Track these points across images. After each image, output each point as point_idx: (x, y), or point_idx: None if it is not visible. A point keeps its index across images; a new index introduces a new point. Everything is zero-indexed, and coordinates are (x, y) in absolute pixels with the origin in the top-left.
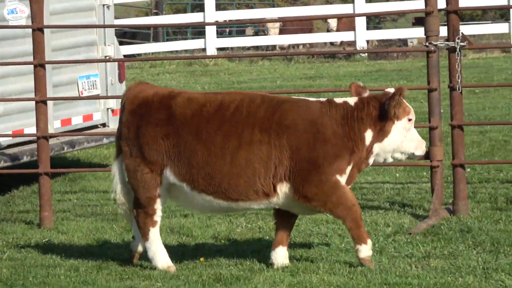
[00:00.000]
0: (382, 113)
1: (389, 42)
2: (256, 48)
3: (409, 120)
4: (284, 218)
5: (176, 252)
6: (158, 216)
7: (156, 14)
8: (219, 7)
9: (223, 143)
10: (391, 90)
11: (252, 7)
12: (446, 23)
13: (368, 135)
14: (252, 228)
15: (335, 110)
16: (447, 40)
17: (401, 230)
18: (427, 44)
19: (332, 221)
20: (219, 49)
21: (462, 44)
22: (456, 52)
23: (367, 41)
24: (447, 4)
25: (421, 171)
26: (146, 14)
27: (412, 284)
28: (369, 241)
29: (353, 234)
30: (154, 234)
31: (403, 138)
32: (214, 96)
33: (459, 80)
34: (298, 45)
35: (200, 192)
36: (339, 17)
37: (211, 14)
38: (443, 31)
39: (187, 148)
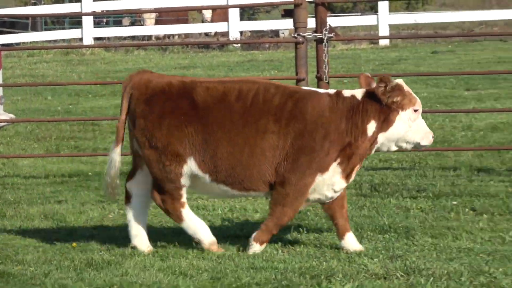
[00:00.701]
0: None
1: (261, 33)
2: (132, 38)
3: (415, 110)
4: (336, 206)
5: (49, 238)
6: (185, 197)
7: (35, 4)
8: None
9: (244, 132)
10: (399, 81)
11: None
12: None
13: (371, 126)
14: (124, 214)
15: (343, 103)
16: (315, 31)
17: None
18: (295, 35)
19: (202, 207)
20: (96, 38)
21: (329, 35)
22: (324, 43)
23: (241, 32)
24: None
25: None
26: (25, 4)
27: (278, 268)
28: (264, 246)
29: (261, 233)
30: (187, 213)
31: (408, 128)
32: (232, 85)
33: (326, 71)
34: (173, 35)
35: (219, 183)
36: (213, 8)
37: (88, 4)
38: (313, 23)
39: (212, 138)
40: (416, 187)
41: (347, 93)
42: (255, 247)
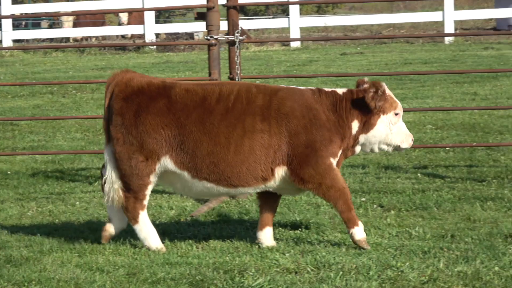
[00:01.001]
0: (366, 106)
1: (177, 35)
2: (51, 40)
3: (396, 114)
4: (269, 200)
5: None
6: (147, 201)
7: None
8: (16, 0)
9: (227, 132)
10: (383, 83)
11: (48, 1)
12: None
13: (355, 125)
14: (42, 212)
15: (325, 97)
16: (227, 34)
17: (184, 213)
18: (208, 37)
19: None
20: (15, 41)
21: (241, 38)
22: (236, 45)
23: (156, 34)
24: (227, 0)
25: None
26: None
27: (192, 263)
28: (361, 223)
29: (344, 217)
30: (144, 217)
31: (389, 132)
32: (211, 87)
33: (239, 72)
34: (90, 37)
35: (201, 180)
36: (130, 11)
37: (7, 7)
38: (226, 25)
39: (191, 138)
40: None
41: (327, 89)
42: (356, 231)
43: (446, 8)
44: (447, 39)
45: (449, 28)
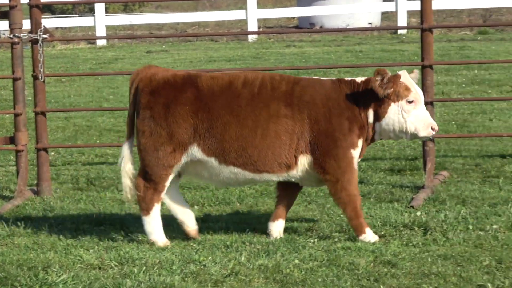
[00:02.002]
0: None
1: None
2: None
3: (409, 102)
4: (288, 194)
5: None
6: (164, 193)
7: None
8: None
9: (254, 116)
10: (401, 72)
11: None
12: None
13: (370, 114)
14: None
15: (345, 87)
16: (30, 32)
17: None
18: (11, 36)
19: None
20: None
21: (44, 36)
22: (39, 44)
23: None
24: None
25: (8, 154)
26: None
27: None
28: (368, 229)
29: (353, 225)
30: (156, 211)
31: (402, 119)
32: (236, 74)
33: (42, 70)
34: None
35: (228, 165)
36: None
37: None
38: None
39: (219, 122)
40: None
41: (347, 79)
42: (367, 237)
43: (249, 7)
44: (251, 37)
45: (252, 26)
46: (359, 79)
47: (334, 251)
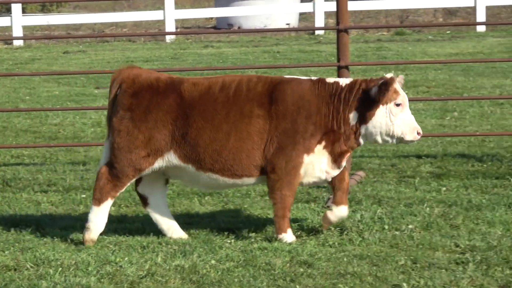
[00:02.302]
0: (368, 97)
1: None
2: None
3: (397, 105)
4: (336, 180)
5: None
6: (121, 192)
7: None
8: None
9: (227, 119)
10: (389, 75)
11: None
12: None
13: (353, 116)
14: None
15: (324, 88)
16: None
17: None
18: None
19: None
20: None
21: None
22: None
23: None
24: None
25: None
26: None
27: None
28: (290, 230)
29: (276, 222)
30: (107, 206)
31: (390, 122)
32: (216, 78)
33: None
34: None
35: (206, 171)
36: None
37: None
38: None
39: (193, 128)
40: (47, 182)
41: (330, 80)
42: (285, 238)
43: (167, 7)
44: (169, 38)
45: (170, 26)
46: (342, 81)
47: (251, 252)
